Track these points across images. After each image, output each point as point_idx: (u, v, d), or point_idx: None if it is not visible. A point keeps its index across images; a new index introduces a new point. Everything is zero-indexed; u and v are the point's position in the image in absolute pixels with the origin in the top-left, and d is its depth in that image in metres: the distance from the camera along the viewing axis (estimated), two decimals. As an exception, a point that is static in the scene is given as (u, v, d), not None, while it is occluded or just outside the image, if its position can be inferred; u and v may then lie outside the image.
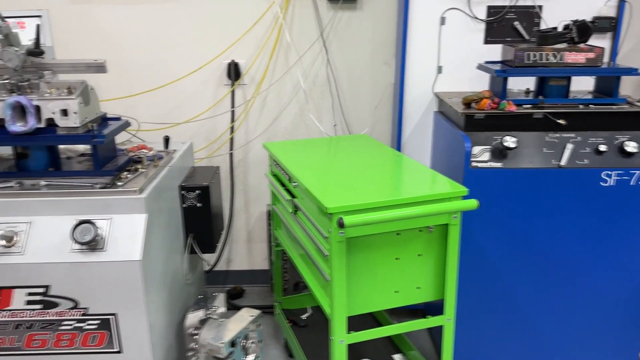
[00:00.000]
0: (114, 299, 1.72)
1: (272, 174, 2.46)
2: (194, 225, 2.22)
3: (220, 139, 3.08)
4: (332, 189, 1.85)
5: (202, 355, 1.87)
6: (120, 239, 1.71)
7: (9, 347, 1.75)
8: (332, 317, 1.81)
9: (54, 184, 1.77)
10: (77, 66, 1.84)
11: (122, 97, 2.91)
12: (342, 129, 3.02)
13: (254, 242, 3.34)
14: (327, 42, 2.89)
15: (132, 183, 1.82)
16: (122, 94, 2.92)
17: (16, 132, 1.68)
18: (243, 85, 2.99)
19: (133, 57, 2.92)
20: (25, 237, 1.70)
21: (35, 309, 1.72)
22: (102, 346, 1.77)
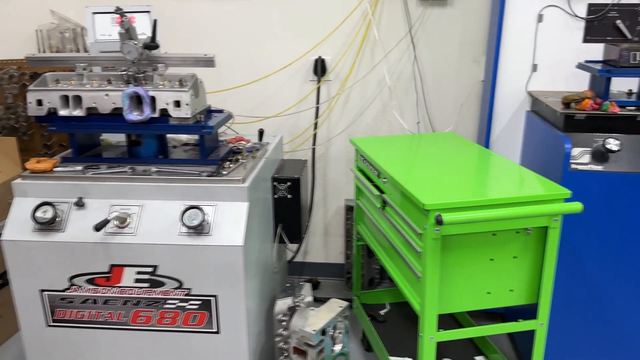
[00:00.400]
0: (216, 282, 1.81)
1: (358, 168, 2.49)
2: (284, 215, 2.29)
3: (304, 133, 3.14)
4: (427, 186, 1.85)
5: (292, 341, 1.93)
6: (224, 224, 1.80)
7: (116, 321, 1.88)
8: (422, 314, 1.82)
9: (163, 171, 1.88)
10: (187, 60, 1.94)
11: (214, 91, 3.02)
12: (425, 126, 3.01)
13: (331, 235, 3.39)
14: (414, 39, 2.89)
15: (234, 172, 1.90)
16: (212, 88, 3.04)
17: (133, 121, 1.80)
18: (328, 81, 3.04)
19: (224, 52, 3.03)
20: (137, 219, 1.82)
21: (143, 287, 1.83)
22: (201, 326, 1.86)
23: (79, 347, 1.92)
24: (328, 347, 1.94)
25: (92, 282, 1.83)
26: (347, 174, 3.21)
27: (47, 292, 1.87)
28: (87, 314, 1.87)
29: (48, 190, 1.85)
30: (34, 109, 1.84)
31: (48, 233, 1.81)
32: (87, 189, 1.84)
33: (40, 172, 1.87)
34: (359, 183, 2.46)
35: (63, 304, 1.87)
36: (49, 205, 1.78)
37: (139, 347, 1.90)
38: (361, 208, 2.51)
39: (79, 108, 1.84)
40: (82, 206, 1.82)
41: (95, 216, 1.81)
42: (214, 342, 1.87)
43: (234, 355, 1.88)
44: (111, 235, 1.80)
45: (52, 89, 1.83)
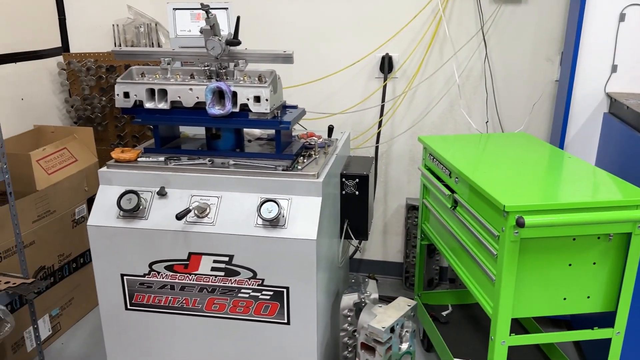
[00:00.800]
0: (288, 274, 1.85)
1: (426, 167, 2.48)
2: (351, 212, 2.30)
3: (368, 131, 3.14)
4: (504, 187, 1.82)
5: (360, 337, 1.94)
6: (299, 218, 1.83)
7: (192, 308, 1.95)
8: (495, 318, 1.79)
9: (240, 164, 1.94)
10: (266, 56, 1.98)
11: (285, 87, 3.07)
12: (494, 126, 2.95)
13: (390, 234, 3.38)
14: (486, 36, 2.83)
15: (309, 168, 1.93)
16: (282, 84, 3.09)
17: (215, 115, 1.86)
18: (394, 78, 3.03)
19: (294, 48, 3.06)
20: (215, 210, 1.88)
21: (219, 276, 1.89)
22: (272, 316, 1.90)
23: (155, 330, 2.01)
24: (395, 345, 1.94)
25: (171, 268, 1.90)
26: (409, 173, 3.20)
27: (127, 277, 1.95)
28: (164, 300, 1.95)
29: (132, 179, 1.93)
30: (121, 100, 1.92)
31: (131, 220, 1.89)
32: (169, 179, 1.91)
33: (125, 162, 1.96)
34: (426, 182, 2.45)
35: (142, 288, 1.95)
36: (134, 194, 1.86)
37: (211, 334, 1.96)
38: (427, 207, 2.50)
39: (163, 101, 1.91)
40: (164, 195, 1.90)
41: (176, 205, 1.89)
42: (284, 333, 1.91)
43: (303, 347, 1.91)
44: (191, 225, 1.86)
45: (140, 82, 1.91)
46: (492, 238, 1.80)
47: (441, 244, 2.35)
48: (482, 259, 1.90)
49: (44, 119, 3.23)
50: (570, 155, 2.15)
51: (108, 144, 3.36)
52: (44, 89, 3.26)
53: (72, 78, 3.29)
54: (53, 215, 2.73)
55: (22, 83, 3.07)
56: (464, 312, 2.69)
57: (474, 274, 1.99)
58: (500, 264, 1.74)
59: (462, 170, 1.99)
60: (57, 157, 2.80)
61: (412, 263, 3.25)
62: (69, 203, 2.84)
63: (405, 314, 1.99)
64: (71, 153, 2.89)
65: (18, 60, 3.04)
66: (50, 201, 2.70)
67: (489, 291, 1.86)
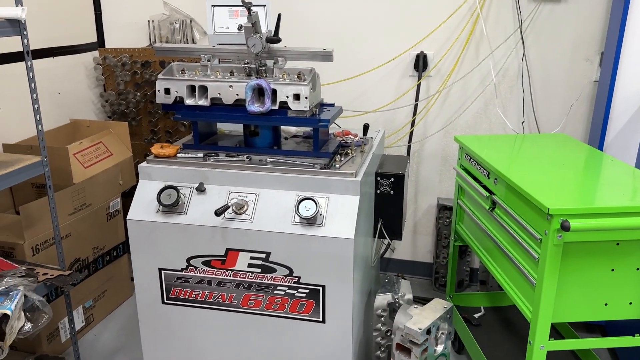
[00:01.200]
0: (325, 272, 1.85)
1: (462, 167, 2.45)
2: (385, 211, 2.29)
3: (401, 130, 3.12)
4: (547, 189, 1.79)
5: (396, 338, 1.93)
6: (336, 216, 1.83)
7: (228, 303, 1.96)
8: (535, 322, 1.77)
9: (278, 161, 1.94)
10: (304, 54, 1.98)
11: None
12: (530, 126, 2.90)
13: (420, 234, 3.35)
14: (524, 35, 2.79)
15: (346, 166, 1.92)
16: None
17: (254, 112, 1.86)
18: (428, 77, 3.00)
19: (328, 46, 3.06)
20: (253, 207, 1.88)
21: (255, 272, 1.90)
22: (308, 314, 1.90)
23: (190, 325, 2.02)
24: (431, 347, 1.93)
25: (208, 264, 1.92)
26: (441, 172, 3.17)
27: (165, 271, 1.98)
28: (200, 294, 1.97)
29: (171, 175, 1.95)
30: (162, 97, 1.94)
31: (170, 215, 1.91)
32: (207, 175, 1.92)
33: (164, 157, 1.98)
34: (462, 182, 2.42)
35: (179, 283, 1.97)
36: (174, 189, 1.88)
37: (246, 330, 1.97)
38: (462, 208, 2.47)
39: (204, 98, 1.92)
40: (203, 191, 1.91)
41: (214, 201, 1.90)
42: (318, 331, 1.91)
43: (338, 346, 1.91)
44: (229, 221, 1.87)
45: (181, 79, 1.92)
46: (534, 241, 1.77)
47: (476, 245, 2.32)
48: (521, 262, 1.87)
49: (79, 113, 3.29)
50: (613, 158, 2.11)
51: (142, 139, 3.40)
52: (79, 83, 3.31)
53: (107, 73, 3.33)
54: (88, 208, 2.77)
55: (58, 77, 3.12)
56: (496, 315, 2.66)
57: (512, 277, 1.96)
58: (542, 267, 1.71)
59: (503, 171, 1.96)
60: (93, 151, 2.84)
61: (442, 264, 3.22)
62: (104, 196, 2.88)
63: (441, 316, 1.97)
64: (106, 147, 2.94)
65: (55, 54, 3.09)
66: (86, 194, 2.74)
67: (528, 295, 1.83)
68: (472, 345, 2.34)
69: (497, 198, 2.05)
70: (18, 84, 2.71)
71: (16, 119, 2.77)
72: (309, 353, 1.94)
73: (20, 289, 2.05)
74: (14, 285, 2.05)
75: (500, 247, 2.03)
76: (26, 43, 2.06)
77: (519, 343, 2.44)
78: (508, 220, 1.97)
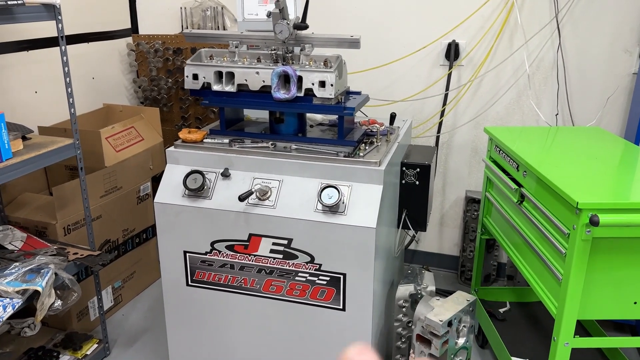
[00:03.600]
0: (346, 260, 1.84)
1: (491, 159, 2.40)
2: (409, 201, 2.26)
3: (430, 120, 3.08)
4: (577, 183, 1.74)
5: (417, 329, 1.92)
6: (359, 205, 1.82)
7: (250, 288, 1.99)
8: (560, 318, 1.73)
9: (302, 149, 1.94)
10: (332, 41, 1.97)
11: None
12: (564, 119, 2.82)
13: (447, 226, 3.31)
14: (560, 25, 2.70)
15: (370, 155, 1.91)
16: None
17: (279, 99, 1.86)
18: (459, 66, 2.94)
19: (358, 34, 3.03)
20: (276, 193, 1.89)
21: (277, 258, 1.91)
22: (328, 301, 1.91)
23: (213, 307, 2.06)
24: (452, 340, 1.91)
25: (232, 248, 1.94)
26: (470, 164, 3.11)
27: (190, 254, 2.01)
28: (223, 278, 1.99)
29: (197, 159, 1.98)
30: (190, 82, 1.96)
31: (196, 199, 1.94)
32: (233, 161, 1.94)
33: (191, 142, 2.01)
34: (491, 174, 2.37)
35: (203, 266, 2.00)
36: (199, 174, 1.91)
37: (267, 314, 1.99)
38: (490, 201, 2.42)
39: (230, 84, 1.94)
40: (227, 177, 1.93)
41: (239, 187, 1.91)
42: (338, 319, 1.92)
43: (358, 334, 1.91)
44: (252, 206, 1.89)
45: (208, 65, 1.94)
46: (561, 235, 1.72)
47: (503, 239, 2.28)
48: (548, 257, 1.83)
49: (112, 98, 3.36)
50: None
51: (172, 124, 3.45)
52: (113, 69, 3.38)
53: (140, 59, 3.39)
54: (119, 191, 2.84)
55: (93, 62, 3.20)
56: (522, 310, 2.62)
57: (539, 271, 1.92)
58: (569, 263, 1.67)
59: (532, 163, 1.91)
60: (124, 135, 2.91)
61: (469, 257, 3.18)
62: (135, 180, 2.95)
63: (464, 309, 1.95)
64: (138, 132, 3.00)
65: (90, 40, 3.16)
66: (117, 177, 2.81)
67: (554, 290, 1.79)
68: (496, 340, 2.31)
69: (526, 191, 2.00)
70: (54, 68, 2.78)
71: (52, 102, 2.85)
72: (329, 340, 1.95)
73: (51, 267, 2.12)
74: (45, 263, 2.13)
75: (527, 241, 1.99)
76: (60, 28, 2.11)
77: (544, 340, 2.39)
78: (536, 214, 1.93)
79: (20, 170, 2.01)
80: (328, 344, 1.96)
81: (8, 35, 2.60)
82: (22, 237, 2.39)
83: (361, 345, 0.50)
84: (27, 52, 2.71)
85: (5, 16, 1.88)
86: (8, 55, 2.61)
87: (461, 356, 1.99)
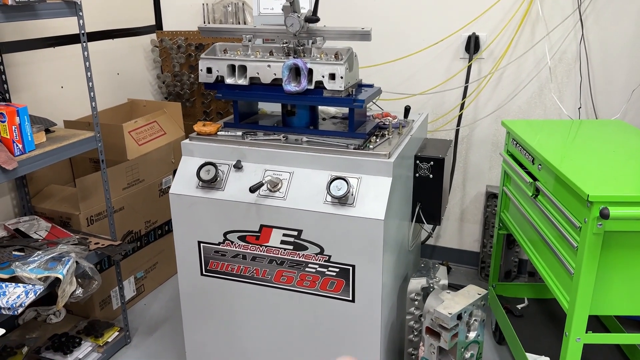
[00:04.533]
0: (355, 252, 1.85)
1: (509, 153, 2.37)
2: (423, 195, 2.25)
3: (449, 113, 3.05)
4: (590, 176, 1.70)
5: (426, 321, 1.91)
6: (367, 197, 1.82)
7: (261, 278, 2.01)
8: (571, 313, 1.70)
9: (313, 141, 1.95)
10: (343, 34, 1.97)
11: (362, 67, 3.05)
12: (587, 112, 2.75)
13: (467, 222, 3.28)
14: (583, 16, 2.63)
15: (380, 147, 1.91)
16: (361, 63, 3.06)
17: (290, 92, 1.88)
18: (479, 59, 2.90)
19: (376, 27, 3.02)
20: (287, 185, 1.91)
21: (287, 249, 1.93)
22: (338, 293, 1.92)
23: (226, 296, 2.10)
24: (462, 333, 1.89)
25: (244, 239, 1.97)
26: (491, 159, 3.07)
27: (204, 244, 2.05)
28: (236, 268, 2.03)
29: (211, 152, 2.02)
30: (204, 76, 2.00)
31: (209, 190, 1.98)
32: (245, 153, 1.97)
33: (206, 135, 2.05)
34: (508, 168, 2.34)
35: (216, 256, 2.04)
36: (212, 166, 1.94)
37: (278, 304, 2.02)
38: (507, 195, 2.39)
39: (243, 77, 1.96)
40: (240, 168, 1.96)
41: (251, 178, 1.94)
42: (348, 310, 1.93)
43: (367, 326, 1.92)
44: (263, 198, 1.91)
45: (221, 58, 1.97)
46: (573, 229, 1.69)
47: (520, 234, 2.24)
48: (561, 251, 1.79)
49: (137, 94, 3.45)
50: (671, 146, 1.97)
51: (195, 119, 3.52)
52: (138, 64, 3.47)
53: (164, 55, 3.47)
54: (142, 184, 2.91)
55: (118, 58, 3.28)
56: (541, 307, 2.57)
57: (552, 266, 1.89)
58: (580, 257, 1.63)
59: (545, 155, 1.88)
60: (147, 130, 2.98)
61: (490, 253, 3.14)
62: (157, 173, 3.02)
63: (475, 303, 1.93)
64: (160, 126, 3.07)
65: (115, 36, 3.24)
66: (140, 170, 2.88)
67: (566, 285, 1.76)
68: (512, 336, 2.28)
69: (541, 184, 1.97)
70: (79, 64, 2.87)
71: (77, 97, 2.95)
72: (339, 331, 1.97)
73: (72, 255, 2.20)
74: (66, 251, 2.21)
75: (541, 236, 1.96)
76: (82, 24, 2.18)
77: (561, 336, 2.34)
78: (550, 207, 1.90)
79: (42, 161, 2.09)
80: (338, 334, 1.97)
81: (36, 32, 2.70)
82: (46, 227, 2.48)
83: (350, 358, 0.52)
84: (53, 48, 2.80)
85: (28, 12, 1.95)
86: (36, 52, 2.71)
87: (472, 350, 1.98)
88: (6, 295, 1.96)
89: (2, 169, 1.91)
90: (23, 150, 2.04)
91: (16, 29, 2.58)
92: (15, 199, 2.63)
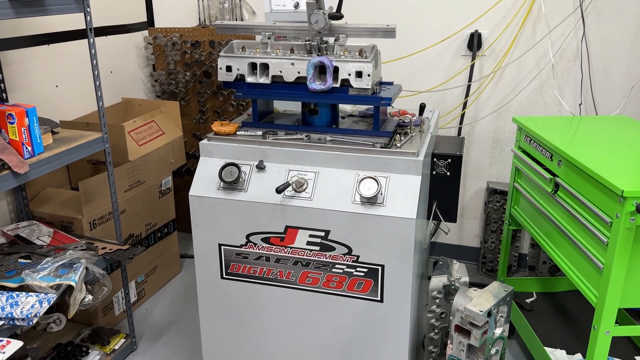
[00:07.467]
0: (384, 252, 1.84)
1: (520, 149, 2.39)
2: (440, 193, 2.25)
3: (453, 111, 3.07)
4: (619, 171, 1.73)
5: (455, 320, 1.91)
6: (397, 196, 1.81)
7: (286, 280, 1.98)
8: (601, 307, 1.73)
9: (337, 140, 1.93)
10: (365, 31, 1.95)
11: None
12: (587, 108, 2.82)
13: (467, 218, 3.31)
14: (584, 14, 2.69)
15: (407, 145, 1.90)
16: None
17: (315, 90, 1.85)
18: (482, 57, 2.93)
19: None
20: (312, 185, 1.88)
21: (314, 250, 1.90)
22: (366, 293, 1.90)
23: (248, 300, 2.05)
24: (491, 330, 1.90)
25: (268, 241, 1.93)
26: (491, 155, 3.11)
27: (225, 247, 2.00)
28: (259, 271, 1.99)
29: (231, 152, 1.96)
30: (224, 74, 1.94)
31: (231, 192, 1.93)
32: (267, 153, 1.93)
33: (225, 135, 1.99)
34: (521, 164, 2.37)
35: (238, 259, 1.99)
36: (235, 166, 1.89)
37: (304, 306, 1.98)
38: (519, 190, 2.42)
39: (264, 75, 1.92)
40: (262, 169, 1.92)
41: (274, 179, 1.90)
42: (376, 311, 1.91)
43: (396, 326, 1.91)
44: (288, 198, 1.88)
45: (242, 56, 1.92)
46: (602, 224, 1.72)
47: (534, 229, 2.27)
48: (586, 246, 1.82)
49: (129, 92, 3.34)
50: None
51: (190, 118, 3.44)
52: (130, 62, 3.36)
53: (157, 52, 3.37)
54: (142, 185, 2.83)
55: (111, 56, 3.17)
56: (548, 300, 2.62)
57: (575, 260, 1.92)
58: (611, 252, 1.66)
59: (569, 152, 1.91)
60: (146, 129, 2.89)
61: (490, 248, 3.18)
62: (157, 174, 2.93)
63: (502, 299, 1.94)
64: (159, 126, 2.98)
65: (108, 33, 3.13)
66: (141, 172, 2.79)
67: (593, 279, 1.79)
68: (526, 330, 2.31)
69: (561, 180, 2.00)
70: (74, 62, 2.76)
71: (71, 96, 2.83)
72: (367, 332, 1.95)
73: (82, 261, 2.11)
74: (77, 258, 2.12)
75: (562, 231, 1.98)
76: (89, 20, 2.09)
77: (573, 329, 2.40)
78: (573, 203, 1.92)
79: (51, 164, 2.00)
80: (367, 336, 1.95)
81: (29, 29, 2.57)
82: (48, 232, 2.38)
83: None
84: (47, 45, 2.68)
85: (37, 8, 1.86)
86: (29, 49, 2.58)
87: (498, 346, 1.99)
88: (19, 305, 1.86)
89: (14, 173, 1.82)
90: (32, 153, 1.94)
91: (9, 25, 2.46)
92: (12, 203, 2.51)
